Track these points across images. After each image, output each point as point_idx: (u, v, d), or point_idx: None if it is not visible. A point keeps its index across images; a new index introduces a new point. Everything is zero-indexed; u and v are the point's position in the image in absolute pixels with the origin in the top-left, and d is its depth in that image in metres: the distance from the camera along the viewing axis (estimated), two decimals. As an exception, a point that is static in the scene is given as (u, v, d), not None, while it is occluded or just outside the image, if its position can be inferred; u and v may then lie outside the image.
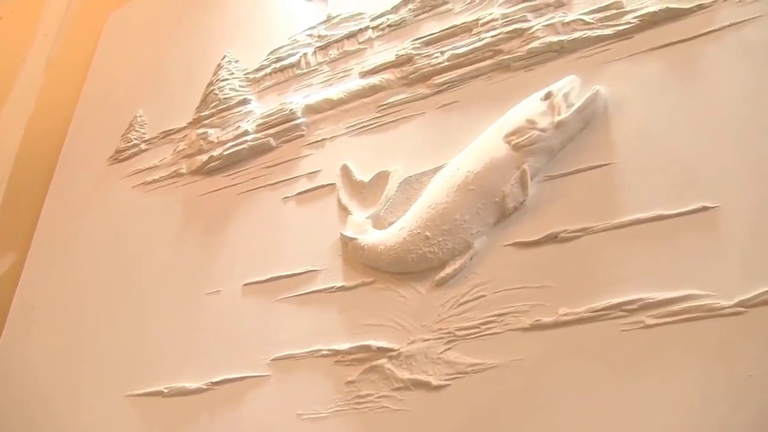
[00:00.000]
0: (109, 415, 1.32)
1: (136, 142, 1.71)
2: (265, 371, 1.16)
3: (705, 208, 0.90)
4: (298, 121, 1.40)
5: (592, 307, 0.91)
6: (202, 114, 1.59)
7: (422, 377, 1.00)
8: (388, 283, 1.11)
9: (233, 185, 1.43)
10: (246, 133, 1.46)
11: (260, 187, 1.38)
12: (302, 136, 1.39)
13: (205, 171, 1.50)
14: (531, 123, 1.05)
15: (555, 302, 0.95)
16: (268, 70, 1.55)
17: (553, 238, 0.99)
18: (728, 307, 0.83)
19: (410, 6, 1.39)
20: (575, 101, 1.06)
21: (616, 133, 1.02)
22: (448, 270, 1.05)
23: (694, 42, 1.02)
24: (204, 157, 1.50)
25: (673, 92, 1.00)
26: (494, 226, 1.05)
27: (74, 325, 1.51)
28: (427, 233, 1.07)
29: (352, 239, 1.16)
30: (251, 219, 1.36)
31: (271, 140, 1.42)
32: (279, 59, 1.54)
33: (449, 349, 1.00)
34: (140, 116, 1.76)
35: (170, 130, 1.66)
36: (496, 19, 1.24)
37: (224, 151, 1.47)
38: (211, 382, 1.21)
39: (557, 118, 1.04)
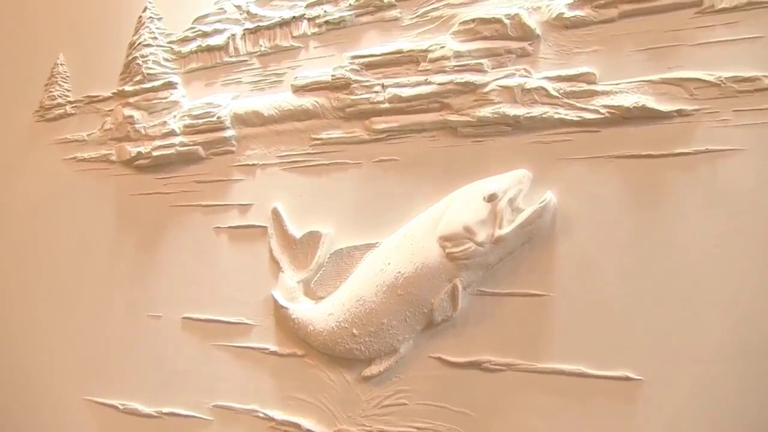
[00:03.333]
0: (68, 411, 1.43)
1: (60, 101, 1.54)
2: (208, 415, 1.23)
3: (628, 378, 0.87)
4: (227, 134, 1.24)
5: (504, 451, 0.94)
6: (126, 88, 1.39)
7: (346, 470, 1.07)
8: (318, 361, 1.11)
9: (165, 193, 1.33)
10: (173, 133, 1.31)
11: (192, 205, 1.29)
12: (232, 152, 1.25)
13: (135, 166, 1.38)
14: (469, 232, 0.94)
15: (472, 430, 0.97)
16: (193, 47, 1.32)
17: (477, 366, 0.97)
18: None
19: (351, 1, 1.13)
20: (522, 206, 0.94)
21: (559, 259, 0.93)
22: (374, 370, 1.04)
23: (663, 162, 0.87)
24: (132, 150, 1.37)
25: (627, 224, 0.89)
26: (421, 333, 1.02)
27: (24, 305, 1.55)
28: (354, 331, 1.04)
29: (284, 308, 1.13)
30: (185, 243, 1.29)
31: (200, 150, 1.28)
32: (205, 34, 1.31)
33: (371, 447, 1.05)
34: (62, 64, 1.55)
35: (95, 96, 1.48)
36: (447, 57, 1.02)
37: (153, 150, 1.33)
38: (161, 412, 1.29)
39: (497, 233, 0.93)
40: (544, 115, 0.95)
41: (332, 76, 1.13)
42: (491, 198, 0.94)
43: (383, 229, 1.06)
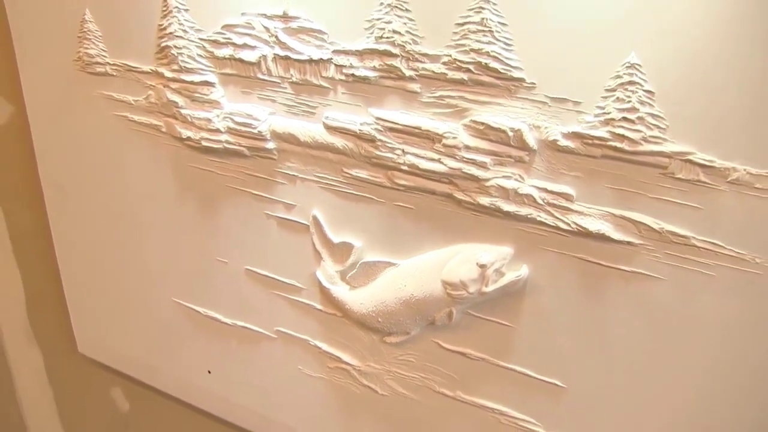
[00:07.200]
0: (159, 308, 1.93)
1: (99, 60, 1.65)
2: (273, 334, 1.74)
3: (557, 385, 1.34)
4: (268, 146, 1.46)
5: (475, 401, 1.47)
6: (164, 72, 1.53)
7: (373, 386, 1.62)
8: (352, 322, 1.57)
9: (219, 174, 1.60)
10: (218, 131, 1.52)
11: (244, 190, 1.58)
12: (274, 160, 1.49)
13: (186, 144, 1.61)
14: (463, 285, 1.31)
15: (455, 386, 1.49)
16: (226, 54, 1.43)
17: (462, 354, 1.44)
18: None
19: (375, 63, 1.26)
20: (504, 271, 1.29)
21: (525, 308, 1.31)
22: (392, 339, 1.51)
23: (609, 271, 1.19)
24: (182, 132, 1.58)
25: (575, 302, 1.25)
26: (426, 326, 1.46)
27: (109, 215, 1.92)
28: (379, 319, 1.48)
29: (326, 288, 1.54)
30: (240, 217, 1.61)
31: (246, 150, 1.51)
32: (236, 46, 1.41)
33: (390, 378, 1.58)
34: (90, 21, 1.62)
35: (135, 67, 1.60)
36: (459, 148, 1.23)
37: (201, 140, 1.55)
38: (236, 324, 1.79)
39: (484, 290, 1.30)
40: (529, 215, 1.22)
41: (359, 130, 1.32)
42: (482, 266, 1.28)
43: (402, 255, 1.41)
